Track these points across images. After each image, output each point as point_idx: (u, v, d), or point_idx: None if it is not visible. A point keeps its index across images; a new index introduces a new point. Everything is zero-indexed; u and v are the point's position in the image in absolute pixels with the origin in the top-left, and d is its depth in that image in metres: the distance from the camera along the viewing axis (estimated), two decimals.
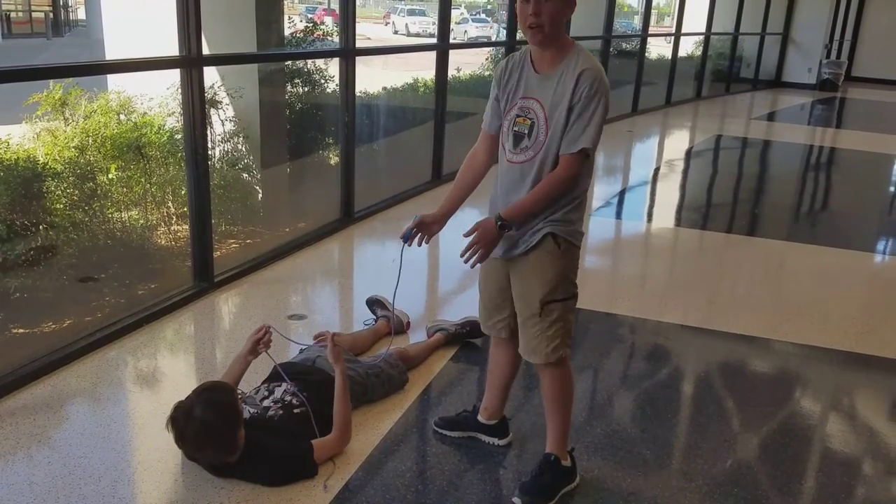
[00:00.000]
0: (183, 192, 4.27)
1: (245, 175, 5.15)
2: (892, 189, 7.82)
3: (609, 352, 3.52)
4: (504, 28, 7.81)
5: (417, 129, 7.17)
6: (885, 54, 16.33)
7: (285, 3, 6.55)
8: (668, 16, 13.21)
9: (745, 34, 13.85)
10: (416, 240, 2.35)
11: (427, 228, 2.35)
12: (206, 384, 2.40)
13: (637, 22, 12.32)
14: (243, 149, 5.10)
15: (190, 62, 3.46)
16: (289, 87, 5.71)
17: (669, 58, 11.79)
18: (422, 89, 7.24)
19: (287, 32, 5.76)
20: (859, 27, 16.55)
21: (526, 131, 2.16)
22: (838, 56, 16.00)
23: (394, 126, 7.61)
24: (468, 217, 2.41)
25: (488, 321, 2.45)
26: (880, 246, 5.70)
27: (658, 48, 12.00)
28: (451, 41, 6.63)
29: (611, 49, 10.02)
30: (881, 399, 3.29)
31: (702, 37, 12.72)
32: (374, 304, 3.51)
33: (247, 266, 4.13)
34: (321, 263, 4.54)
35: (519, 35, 7.20)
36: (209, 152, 4.12)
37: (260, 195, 5.33)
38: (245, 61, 4.92)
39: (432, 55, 6.17)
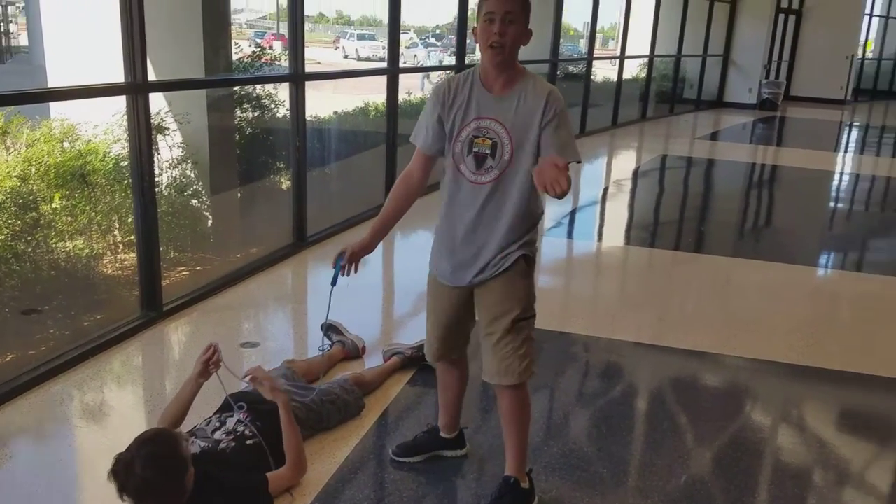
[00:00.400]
0: (130, 220, 4.18)
1: (194, 201, 5.07)
2: (831, 205, 8.10)
3: (564, 371, 3.55)
4: (450, 52, 7.91)
5: (369, 153, 7.18)
6: (820, 74, 17.01)
7: (234, 27, 6.52)
8: (613, 39, 13.50)
9: (687, 56, 14.27)
10: (347, 269, 2.33)
11: (356, 257, 2.33)
12: (146, 434, 2.24)
13: (583, 45, 12.57)
14: (192, 174, 5.02)
15: (135, 88, 3.41)
16: (238, 112, 5.67)
17: (615, 80, 12.06)
18: (373, 113, 7.26)
19: (235, 57, 5.72)
20: (796, 48, 17.22)
21: (488, 151, 2.17)
22: (777, 76, 16.60)
23: (346, 150, 7.61)
24: (406, 243, 2.39)
25: (444, 346, 2.44)
26: (822, 260, 5.89)
27: (604, 71, 12.28)
28: (402, 65, 6.68)
29: (558, 72, 10.20)
30: (829, 410, 3.38)
31: (646, 59, 13.06)
32: (329, 329, 3.47)
33: (197, 294, 4.05)
34: (274, 289, 4.48)
35: (469, 59, 7.29)
36: (156, 179, 4.04)
37: (210, 221, 5.25)
38: (192, 87, 4.86)
39: (383, 79, 6.20)
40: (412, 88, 7.82)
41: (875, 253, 6.23)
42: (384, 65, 6.24)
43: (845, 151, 12.14)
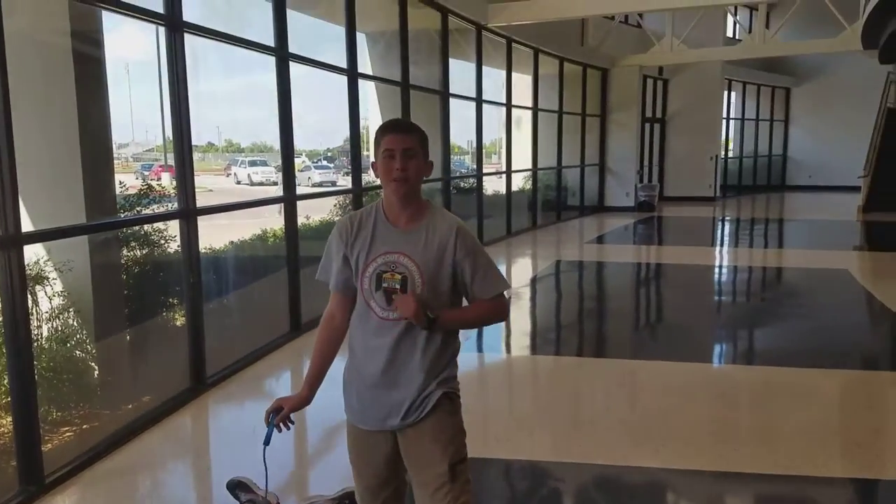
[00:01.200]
0: (5, 382, 3.77)
1: (77, 352, 4.67)
2: (716, 298, 8.48)
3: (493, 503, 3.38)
4: (344, 173, 7.98)
5: (271, 280, 6.96)
6: (689, 175, 18.37)
7: (118, 162, 6.29)
8: (495, 154, 14.14)
9: (566, 167, 15.09)
10: (286, 425, 2.20)
11: (293, 411, 2.23)
12: None
13: (468, 161, 13.07)
14: (74, 323, 4.65)
15: (7, 242, 3.15)
16: (125, 252, 5.37)
17: (504, 192, 12.52)
18: (272, 239, 7.10)
19: (121, 192, 5.47)
20: (664, 153, 18.61)
21: (398, 286, 2.10)
22: (650, 180, 17.77)
23: (245, 279, 7.34)
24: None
25: (376, 500, 2.25)
26: (717, 356, 6.06)
27: (493, 184, 12.72)
28: (298, 187, 6.60)
29: (451, 188, 10.47)
30: None
31: (530, 172, 13.69)
32: (236, 487, 3.16)
33: (84, 458, 3.66)
34: (171, 443, 4.11)
35: (366, 180, 7.35)
36: (35, 333, 3.70)
37: (96, 372, 4.84)
38: (72, 234, 4.51)
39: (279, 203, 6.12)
40: (311, 208, 7.74)
41: (765, 342, 6.48)
42: (277, 188, 6.18)
43: (721, 245, 12.93)
